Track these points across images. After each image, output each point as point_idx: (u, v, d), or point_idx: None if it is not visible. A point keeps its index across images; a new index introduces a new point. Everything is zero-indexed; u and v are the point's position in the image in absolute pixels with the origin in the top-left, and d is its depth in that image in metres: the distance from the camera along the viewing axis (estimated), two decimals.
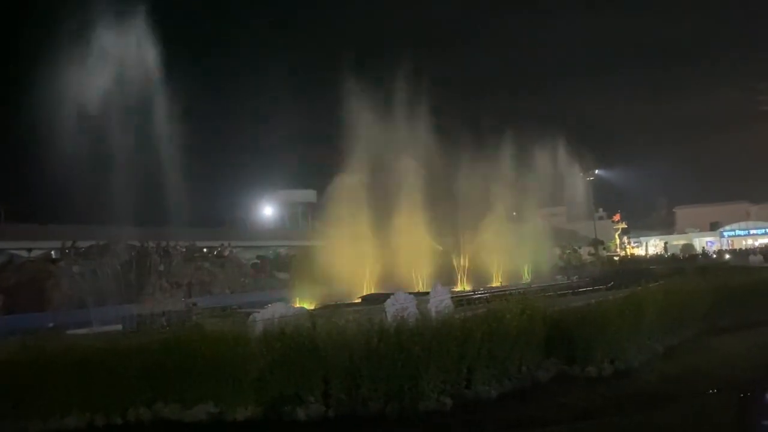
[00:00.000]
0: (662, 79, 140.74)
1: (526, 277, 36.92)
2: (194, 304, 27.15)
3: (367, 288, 30.38)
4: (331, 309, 16.84)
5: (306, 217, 71.50)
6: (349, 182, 33.01)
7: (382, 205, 32.92)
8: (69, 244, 32.06)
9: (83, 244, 32.61)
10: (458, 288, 31.04)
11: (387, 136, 32.94)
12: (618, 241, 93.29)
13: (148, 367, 10.67)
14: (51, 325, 20.37)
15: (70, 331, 17.45)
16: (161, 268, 31.42)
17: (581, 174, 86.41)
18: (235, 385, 10.57)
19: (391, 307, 13.41)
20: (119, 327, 19.72)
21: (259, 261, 45.32)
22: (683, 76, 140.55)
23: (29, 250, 37.71)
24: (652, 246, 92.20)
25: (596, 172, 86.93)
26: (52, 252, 34.53)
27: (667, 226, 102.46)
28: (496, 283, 34.19)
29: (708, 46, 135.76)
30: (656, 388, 11.92)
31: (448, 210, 35.12)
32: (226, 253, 40.51)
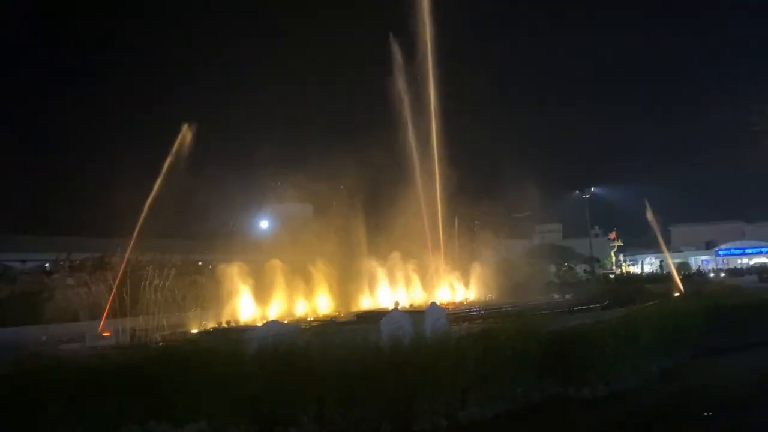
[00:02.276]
0: (658, 98, 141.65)
1: (523, 295, 36.89)
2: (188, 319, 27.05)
3: (363, 304, 30.36)
4: (326, 326, 16.81)
5: (302, 232, 71.21)
6: (345, 197, 33.11)
7: (376, 222, 33.01)
8: (63, 256, 31.94)
9: (78, 257, 32.48)
10: (454, 303, 30.95)
11: (385, 151, 33.10)
12: (614, 259, 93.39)
13: (141, 385, 10.57)
14: (43, 338, 20.29)
15: (62, 346, 17.39)
16: (155, 281, 31.28)
17: (577, 191, 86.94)
18: (229, 404, 10.49)
19: (386, 326, 13.34)
20: (112, 342, 19.63)
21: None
22: (678, 96, 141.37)
23: (23, 261, 37.56)
24: (647, 264, 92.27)
25: (592, 189, 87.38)
26: (47, 264, 34.37)
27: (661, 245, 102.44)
28: (491, 301, 34.11)
29: (703, 67, 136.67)
30: (651, 411, 11.89)
31: (444, 226, 35.15)
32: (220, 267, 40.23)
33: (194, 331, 25.52)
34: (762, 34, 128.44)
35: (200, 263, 40.07)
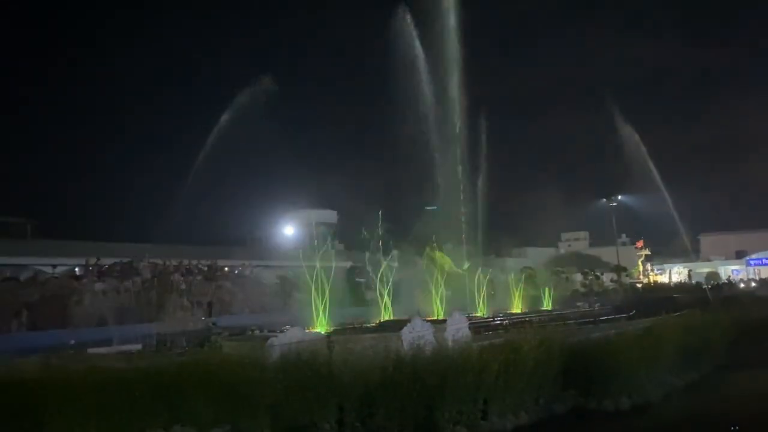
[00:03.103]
0: (687, 105, 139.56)
1: (547, 304, 36.55)
2: (214, 324, 27.35)
3: (386, 312, 30.34)
4: (348, 334, 16.87)
5: (327, 238, 71.58)
6: (369, 204, 33.11)
7: (400, 228, 32.96)
8: (93, 261, 32.51)
9: (106, 262, 33.05)
10: (478, 314, 30.78)
11: (408, 160, 33.05)
12: (641, 268, 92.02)
13: (166, 389, 10.76)
14: (72, 342, 20.65)
15: (90, 350, 17.69)
16: (183, 286, 31.73)
17: (604, 199, 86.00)
18: (251, 409, 10.62)
19: (407, 335, 13.40)
20: (139, 346, 19.90)
21: (279, 281, 45.50)
22: (709, 103, 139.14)
23: (54, 266, 38.27)
24: (675, 273, 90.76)
25: (619, 197, 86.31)
26: (76, 269, 35.00)
27: (691, 254, 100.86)
28: (516, 309, 33.87)
29: (735, 73, 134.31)
30: (675, 425, 11.75)
31: (469, 233, 35.02)
32: (247, 272, 40.73)
33: (219, 336, 25.76)
34: None
35: (226, 268, 40.51)
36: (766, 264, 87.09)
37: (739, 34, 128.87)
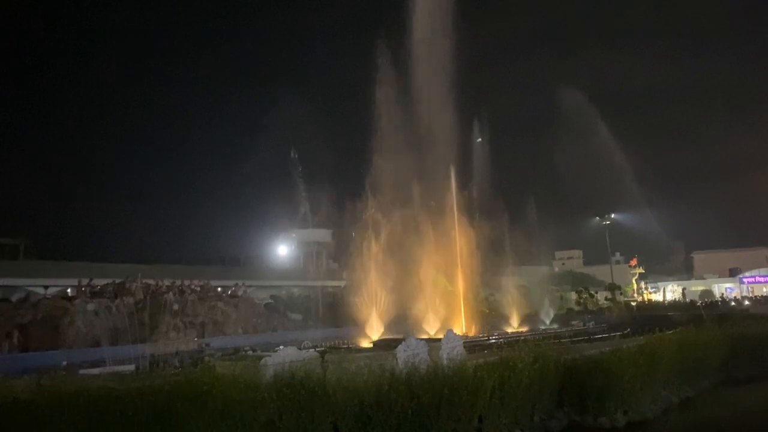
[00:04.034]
0: (681, 124, 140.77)
1: (544, 324, 36.51)
2: (207, 345, 27.19)
3: (380, 331, 30.26)
4: (342, 353, 16.79)
5: (321, 258, 71.58)
6: (365, 224, 33.18)
7: (396, 248, 33.01)
8: (85, 281, 32.29)
9: (99, 282, 32.85)
10: (471, 334, 30.71)
11: (402, 179, 33.18)
12: (635, 286, 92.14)
13: (160, 410, 10.67)
14: (64, 363, 20.48)
15: (83, 371, 17.53)
16: (176, 307, 31.52)
17: (597, 218, 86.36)
18: (245, 429, 10.53)
19: (402, 353, 13.33)
20: (132, 367, 19.74)
21: (272, 301, 45.34)
22: (701, 122, 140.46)
23: (46, 287, 38.05)
24: (669, 292, 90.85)
25: (612, 216, 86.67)
26: (69, 289, 34.79)
27: (684, 272, 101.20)
28: (510, 328, 33.83)
29: (727, 93, 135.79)
30: None
31: (464, 253, 35.03)
32: (240, 292, 40.50)
33: (213, 356, 25.60)
34: None
35: (219, 289, 40.31)
36: (759, 282, 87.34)
37: (736, 54, 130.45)
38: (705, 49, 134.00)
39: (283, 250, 79.38)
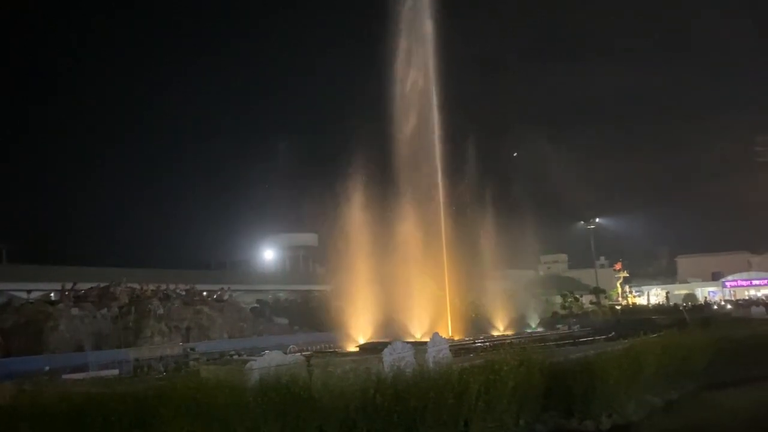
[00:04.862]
0: (664, 129, 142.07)
1: (530, 327, 36.64)
2: (192, 349, 26.99)
3: (366, 335, 30.21)
4: (328, 357, 16.75)
5: (307, 261, 71.43)
6: (349, 227, 33.18)
7: (381, 251, 33.00)
8: (69, 286, 31.92)
9: (83, 287, 32.51)
10: (457, 337, 30.74)
11: (386, 184, 33.21)
12: (620, 290, 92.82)
13: (144, 416, 10.58)
14: (47, 368, 20.26)
15: (66, 376, 17.37)
16: (160, 311, 31.25)
17: (582, 222, 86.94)
18: None
19: (388, 357, 13.32)
20: (116, 372, 19.58)
21: (258, 305, 45.08)
22: (684, 127, 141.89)
23: (28, 291, 37.62)
24: (653, 295, 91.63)
25: (597, 220, 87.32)
26: (52, 294, 34.41)
27: (668, 276, 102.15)
28: (496, 332, 33.90)
29: (710, 98, 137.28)
30: None
31: (450, 257, 35.08)
32: (226, 296, 40.24)
33: (197, 361, 25.44)
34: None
35: (205, 293, 40.07)
36: (741, 285, 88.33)
37: (714, 61, 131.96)
38: (684, 57, 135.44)
39: (269, 254, 79.12)
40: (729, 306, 60.66)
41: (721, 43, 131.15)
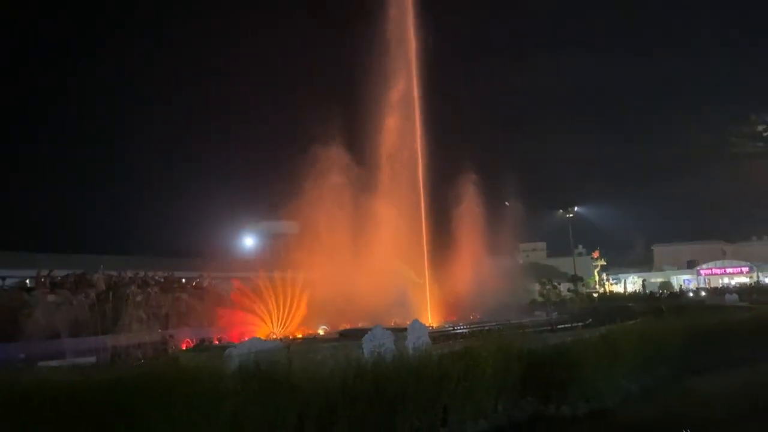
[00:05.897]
0: (640, 118, 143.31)
1: (509, 314, 36.98)
2: (171, 336, 26.87)
3: (345, 321, 30.31)
4: (308, 343, 16.77)
5: (288, 249, 71.05)
6: (329, 215, 33.21)
7: (361, 239, 33.11)
8: (45, 272, 31.54)
9: (59, 273, 32.13)
10: (435, 324, 30.93)
11: (367, 172, 33.34)
12: (597, 278, 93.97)
13: (121, 404, 10.47)
14: (22, 356, 20.05)
15: (42, 363, 17.20)
16: (138, 298, 31.00)
17: (561, 211, 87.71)
18: (210, 422, 10.41)
19: (368, 343, 13.35)
20: (93, 359, 19.44)
21: (237, 292, 44.84)
22: (660, 116, 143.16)
23: (3, 278, 37.05)
24: (630, 283, 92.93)
25: (576, 209, 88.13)
26: (27, 281, 33.96)
27: (645, 264, 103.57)
28: (475, 319, 34.18)
29: (684, 89, 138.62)
30: (630, 429, 11.99)
31: (428, 244, 35.27)
32: (205, 283, 40.04)
33: (177, 348, 25.32)
34: (741, 57, 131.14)
35: (184, 280, 39.82)
36: (715, 274, 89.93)
37: (690, 51, 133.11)
38: (666, 48, 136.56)
39: (249, 241, 78.67)
40: (703, 293, 61.76)
41: (698, 37, 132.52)
